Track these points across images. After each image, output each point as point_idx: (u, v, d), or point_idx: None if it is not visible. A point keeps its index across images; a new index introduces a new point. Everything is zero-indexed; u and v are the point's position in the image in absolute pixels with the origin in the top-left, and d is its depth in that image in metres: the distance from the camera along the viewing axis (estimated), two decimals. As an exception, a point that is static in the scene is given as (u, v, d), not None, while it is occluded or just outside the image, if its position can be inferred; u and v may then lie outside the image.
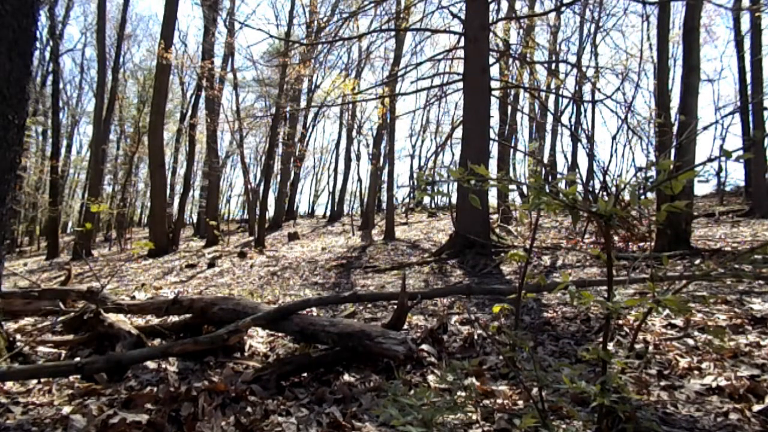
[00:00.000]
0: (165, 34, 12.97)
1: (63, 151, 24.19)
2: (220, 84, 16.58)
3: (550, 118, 15.92)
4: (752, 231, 7.75)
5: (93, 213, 14.00)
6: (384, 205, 16.60)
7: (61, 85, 21.35)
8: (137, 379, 2.26)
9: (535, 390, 1.27)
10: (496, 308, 1.48)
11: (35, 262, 16.04)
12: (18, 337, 2.69)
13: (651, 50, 14.41)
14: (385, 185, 15.85)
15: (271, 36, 11.42)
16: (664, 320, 2.70)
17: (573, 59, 15.68)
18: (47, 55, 20.31)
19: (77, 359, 2.37)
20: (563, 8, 10.68)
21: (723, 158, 1.04)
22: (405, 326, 2.83)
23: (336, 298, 3.48)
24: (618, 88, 12.04)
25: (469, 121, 7.59)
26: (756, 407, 1.59)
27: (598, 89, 11.31)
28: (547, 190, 1.16)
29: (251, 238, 15.38)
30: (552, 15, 12.37)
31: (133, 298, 4.37)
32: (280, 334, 2.93)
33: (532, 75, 11.23)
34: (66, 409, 1.82)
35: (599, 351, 1.14)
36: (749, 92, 11.77)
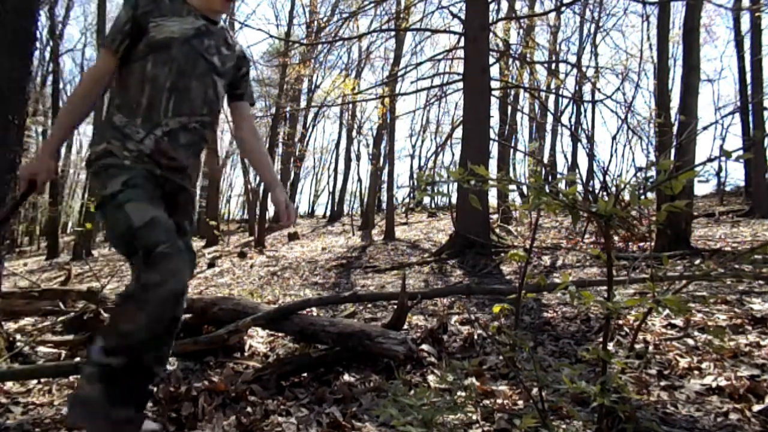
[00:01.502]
0: (165, 34, 12.95)
1: (63, 151, 24.19)
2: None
3: (550, 118, 15.93)
4: (752, 231, 7.75)
5: (93, 213, 14.00)
6: (384, 205, 16.60)
7: (61, 85, 21.31)
8: (137, 379, 2.26)
9: (535, 390, 1.27)
10: (496, 308, 1.48)
11: (35, 262, 16.04)
12: (18, 337, 2.69)
13: (651, 50, 14.43)
14: (385, 185, 15.85)
15: (271, 36, 11.47)
16: (664, 320, 2.70)
17: (573, 59, 15.69)
18: (47, 55, 20.30)
19: (77, 359, 2.37)
20: (563, 8, 10.70)
21: (723, 158, 1.04)
22: (405, 326, 2.83)
23: (336, 298, 3.48)
24: (618, 88, 12.09)
25: (469, 121, 7.59)
26: (756, 407, 1.59)
27: (598, 89, 11.33)
28: (547, 190, 1.16)
29: (251, 238, 15.39)
30: (552, 15, 12.37)
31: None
32: (280, 334, 2.93)
33: (532, 75, 11.23)
34: (66, 409, 1.82)
35: (599, 351, 1.14)
36: (749, 92, 11.77)
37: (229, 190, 31.84)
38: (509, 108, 13.80)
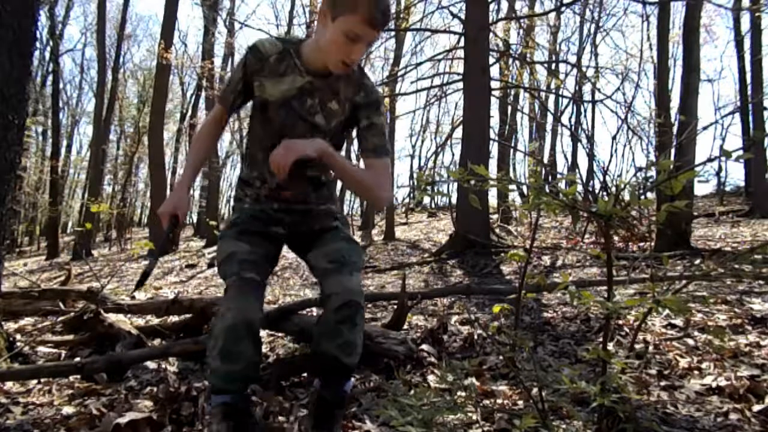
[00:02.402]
0: (165, 35, 12.97)
1: (63, 151, 24.21)
2: (220, 84, 16.58)
3: (550, 118, 15.93)
4: (752, 231, 7.76)
5: (93, 213, 14.00)
6: (384, 205, 16.56)
7: (61, 85, 21.38)
8: (137, 379, 2.26)
9: (535, 390, 1.27)
10: (496, 308, 1.48)
11: (35, 262, 16.04)
12: (18, 337, 2.69)
13: (651, 50, 14.42)
14: (385, 185, 15.78)
15: (272, 36, 11.40)
16: (664, 320, 2.70)
17: (573, 59, 15.69)
18: (47, 55, 20.31)
19: (77, 359, 2.37)
20: (563, 8, 10.69)
21: (723, 158, 1.03)
22: (405, 326, 2.83)
23: (336, 298, 3.47)
24: (618, 88, 12.07)
25: (469, 121, 7.59)
26: (756, 407, 1.59)
27: (598, 89, 11.34)
28: (547, 190, 1.16)
29: (251, 238, 15.34)
30: (552, 15, 12.38)
31: (133, 298, 4.36)
32: (280, 334, 2.93)
33: (532, 75, 11.25)
34: (66, 409, 1.82)
35: (599, 351, 1.14)
36: (749, 92, 11.77)
37: (229, 190, 31.84)
38: (509, 108, 13.82)
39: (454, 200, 9.26)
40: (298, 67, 1.48)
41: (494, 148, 13.42)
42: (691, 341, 2.33)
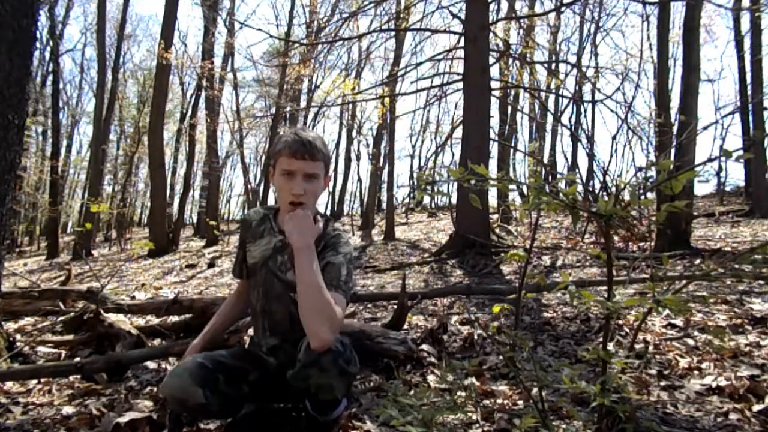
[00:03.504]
0: (165, 34, 12.97)
1: (63, 151, 24.19)
2: (220, 84, 16.59)
3: (550, 118, 15.93)
4: (752, 231, 7.76)
5: (93, 213, 13.98)
6: (384, 205, 16.59)
7: (61, 85, 21.36)
8: (137, 379, 2.26)
9: (535, 390, 1.27)
10: (496, 308, 1.47)
11: (35, 262, 16.04)
12: (18, 337, 2.69)
13: (651, 50, 14.41)
14: (385, 185, 15.85)
15: (271, 36, 11.43)
16: (664, 320, 2.70)
17: (573, 59, 15.69)
18: (47, 55, 20.31)
19: (77, 359, 2.37)
20: (563, 8, 10.68)
21: (723, 158, 1.03)
22: (405, 326, 2.83)
23: (336, 298, 3.47)
24: (618, 88, 12.02)
25: (469, 121, 7.59)
26: (756, 407, 1.59)
27: (598, 89, 11.34)
28: (547, 190, 1.16)
29: (251, 238, 15.34)
30: (552, 15, 12.36)
31: (133, 298, 4.37)
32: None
33: (532, 75, 11.23)
34: (66, 409, 1.82)
35: (599, 351, 1.14)
36: (749, 92, 11.77)
37: (229, 190, 31.90)
38: (509, 108, 13.81)
39: (454, 200, 9.25)
40: (272, 227, 1.57)
41: (494, 148, 13.44)
42: (691, 341, 2.33)
